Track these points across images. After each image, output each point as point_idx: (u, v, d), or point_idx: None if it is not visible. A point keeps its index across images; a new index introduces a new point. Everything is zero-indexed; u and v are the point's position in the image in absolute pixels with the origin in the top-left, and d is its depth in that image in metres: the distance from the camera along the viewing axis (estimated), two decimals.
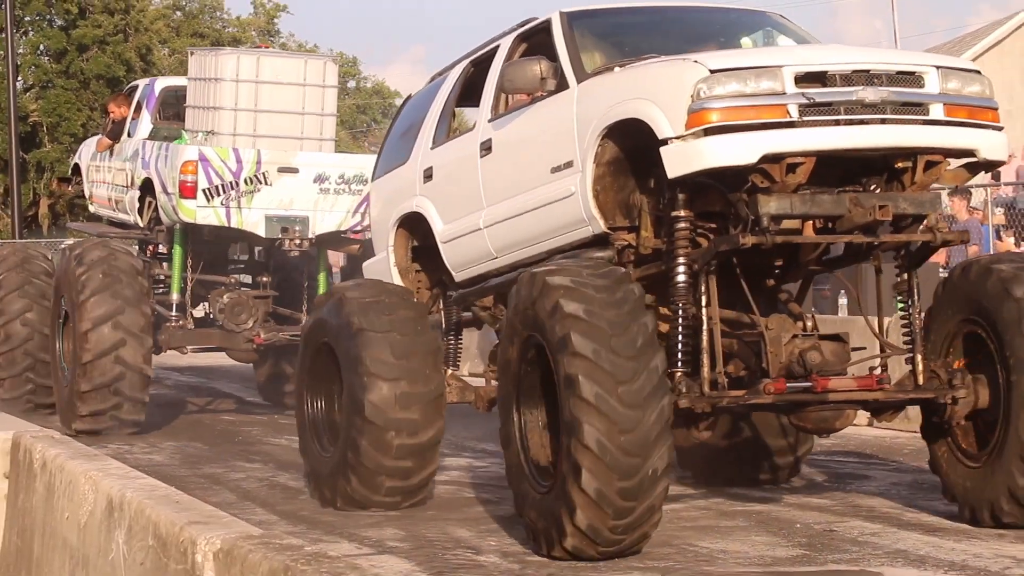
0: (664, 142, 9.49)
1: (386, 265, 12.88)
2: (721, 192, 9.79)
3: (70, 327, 17.07)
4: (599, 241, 10.47)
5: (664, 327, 10.13)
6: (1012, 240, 20.31)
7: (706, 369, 9.89)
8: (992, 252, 20.59)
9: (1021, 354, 9.66)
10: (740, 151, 9.31)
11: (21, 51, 59.99)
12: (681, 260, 9.90)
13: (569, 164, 10.48)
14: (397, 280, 12.68)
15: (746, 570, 9.16)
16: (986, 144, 9.87)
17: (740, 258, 9.92)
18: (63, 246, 20.27)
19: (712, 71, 9.41)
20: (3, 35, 48.89)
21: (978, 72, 10.01)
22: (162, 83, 20.44)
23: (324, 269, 19.19)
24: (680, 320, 9.91)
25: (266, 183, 17.83)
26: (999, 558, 9.28)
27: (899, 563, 9.24)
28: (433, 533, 10.58)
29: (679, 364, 9.86)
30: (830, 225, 9.91)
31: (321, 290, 18.48)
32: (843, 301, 18.91)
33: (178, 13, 69.04)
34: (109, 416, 16.72)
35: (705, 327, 9.92)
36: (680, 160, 9.43)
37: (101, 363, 16.49)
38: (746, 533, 10.40)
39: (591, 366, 8.84)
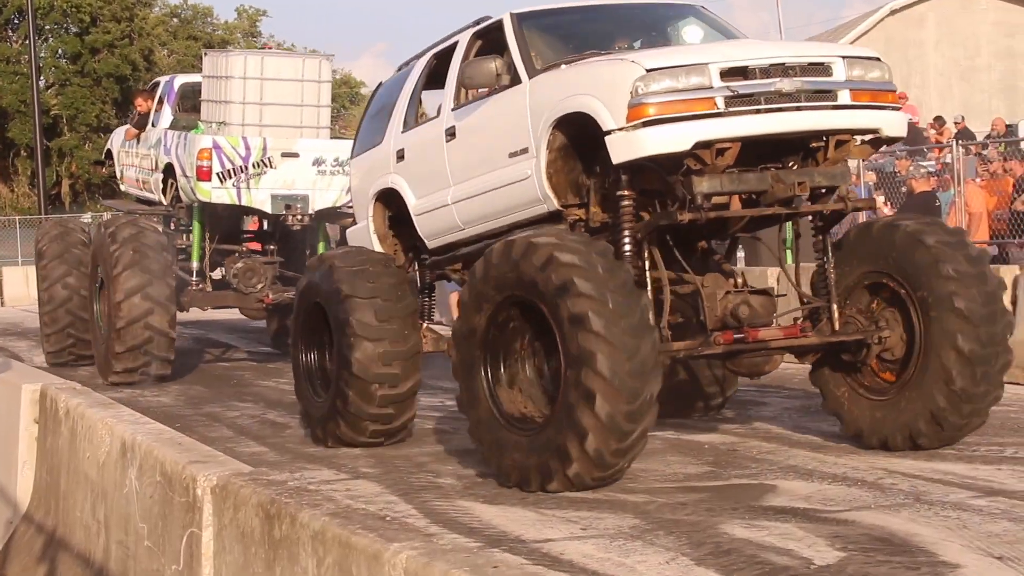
0: (608, 132, 9.41)
1: (367, 232, 12.78)
2: (659, 173, 9.71)
3: (106, 293, 17.09)
4: (553, 217, 10.39)
5: None
6: (882, 199, 20.31)
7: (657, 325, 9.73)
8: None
9: (939, 293, 9.66)
10: (675, 139, 9.26)
11: (42, 54, 59.83)
12: (627, 232, 9.84)
13: (525, 150, 10.37)
14: (377, 246, 12.56)
15: (663, 485, 9.25)
16: (888, 123, 9.83)
17: (674, 228, 9.86)
18: (99, 222, 20.19)
19: (648, 70, 9.31)
20: (27, 41, 48.72)
21: (878, 59, 9.90)
22: (180, 80, 20.39)
23: (323, 239, 19.20)
24: None
25: (271, 166, 17.91)
26: (873, 470, 9.40)
27: (791, 477, 9.33)
28: (400, 461, 10.68)
29: None
30: (754, 198, 9.86)
31: None
32: (740, 254, 18.88)
33: (175, 19, 68.87)
34: (140, 372, 16.77)
35: (650, 288, 9.85)
36: (624, 148, 9.37)
37: (133, 329, 16.54)
38: (663, 454, 10.47)
39: (597, 304, 8.74)
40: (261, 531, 6.07)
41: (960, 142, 19.02)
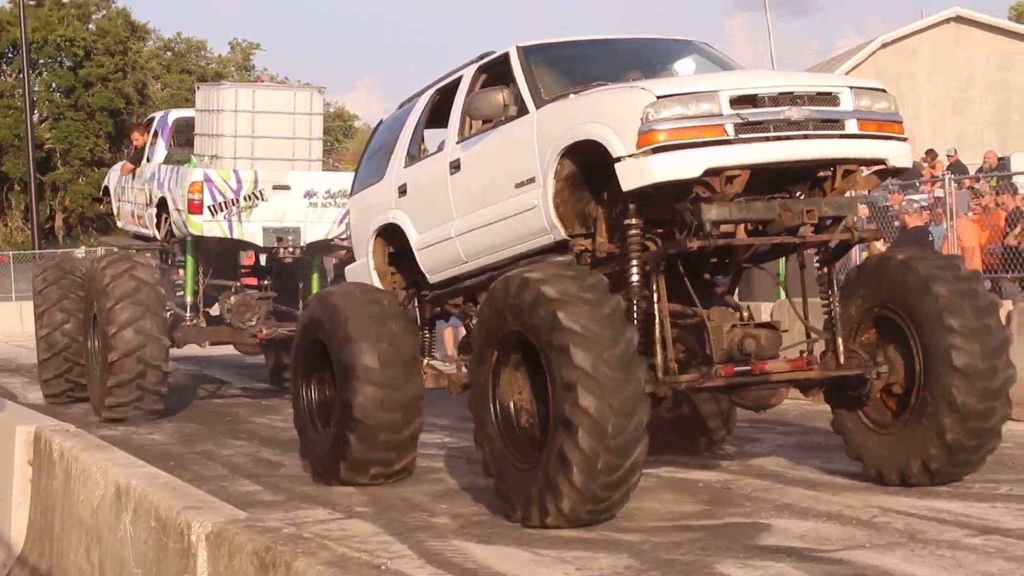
0: (618, 159, 9.38)
1: (366, 269, 12.79)
2: (667, 201, 9.67)
3: (99, 328, 17.07)
4: (559, 247, 10.36)
5: None
6: (873, 228, 20.25)
7: (659, 357, 9.78)
8: None
9: (940, 345, 9.65)
10: (686, 166, 9.23)
11: (36, 88, 59.82)
12: (635, 262, 9.82)
13: (532, 180, 10.36)
14: (376, 282, 12.58)
15: (658, 524, 9.23)
16: (894, 153, 9.82)
17: (683, 257, 9.87)
18: (92, 257, 20.25)
19: (658, 97, 9.31)
20: (21, 75, 48.76)
21: (884, 91, 9.92)
22: (174, 115, 20.49)
23: (317, 271, 19.16)
24: (635, 314, 9.82)
25: (263, 199, 17.92)
26: (868, 508, 9.42)
27: (785, 515, 9.33)
28: (394, 500, 10.66)
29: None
30: (760, 227, 9.87)
31: (314, 290, 18.48)
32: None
33: (168, 53, 69.08)
34: (133, 407, 16.75)
35: (658, 319, 9.84)
36: (633, 175, 9.34)
37: (125, 362, 16.54)
38: (657, 492, 10.47)
39: (579, 337, 8.78)
40: None
41: (952, 176, 19.05)
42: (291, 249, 18.03)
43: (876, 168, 10.01)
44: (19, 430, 9.79)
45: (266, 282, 19.33)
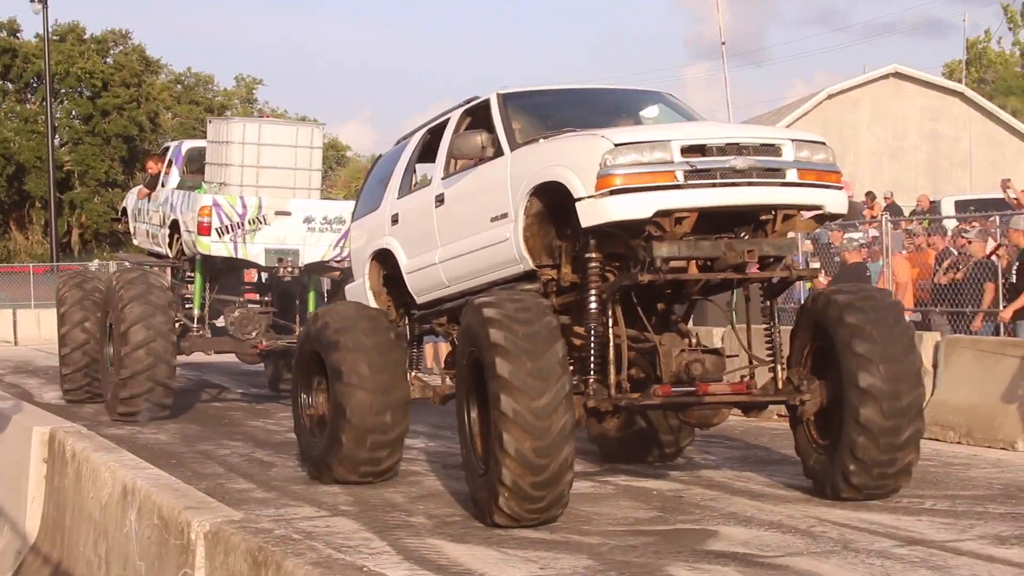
0: (579, 199, 9.48)
1: (363, 289, 12.88)
2: (624, 238, 9.77)
3: (114, 339, 17.04)
4: (529, 276, 10.44)
5: (578, 343, 10.30)
6: (818, 264, 20.37)
7: (612, 376, 9.91)
8: None
9: (850, 369, 9.69)
10: (638, 208, 9.33)
11: (58, 115, 59.83)
12: (593, 292, 9.92)
13: (504, 215, 10.45)
14: (371, 301, 12.67)
15: (615, 528, 9.23)
16: (831, 201, 9.86)
17: (638, 289, 9.91)
18: (111, 272, 20.33)
19: (616, 144, 9.41)
20: (44, 103, 48.76)
21: (824, 143, 9.94)
22: (188, 145, 20.51)
23: (314, 290, 19.20)
24: (592, 338, 9.92)
25: (265, 223, 17.94)
26: (806, 517, 9.43)
27: (731, 523, 9.34)
28: (376, 500, 10.63)
29: (592, 372, 9.92)
30: (709, 264, 9.89)
31: (311, 307, 18.65)
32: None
33: (179, 86, 69.00)
34: (144, 398, 16.64)
35: (612, 344, 9.93)
36: (592, 214, 9.44)
37: (137, 354, 16.52)
38: (615, 499, 10.46)
39: (502, 351, 8.92)
40: None
41: (888, 218, 19.12)
42: (290, 269, 18.05)
43: (814, 213, 10.08)
44: (35, 431, 9.75)
45: (267, 298, 19.38)
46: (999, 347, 13.90)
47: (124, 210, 22.35)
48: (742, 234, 9.88)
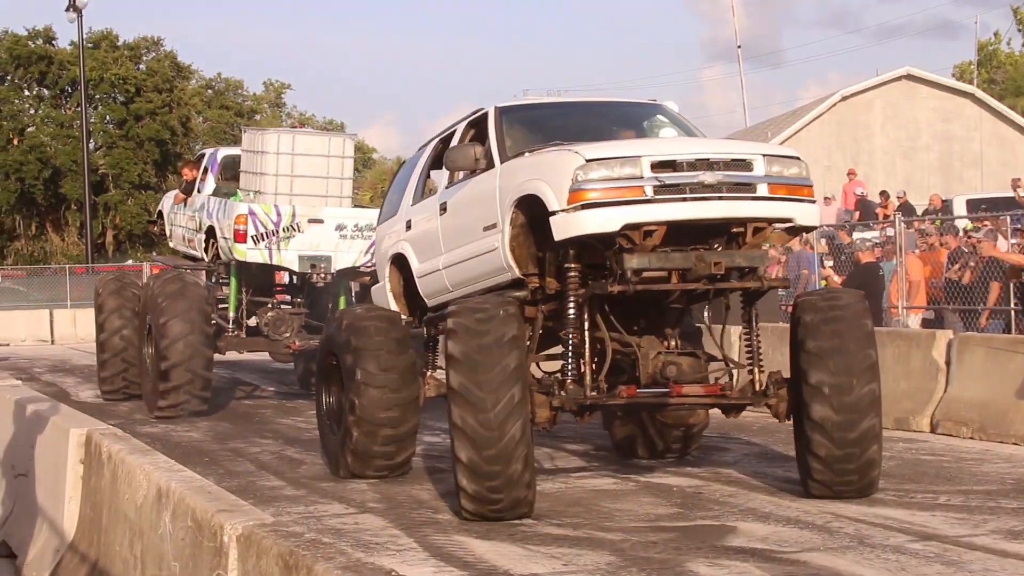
0: (553, 213, 9.56)
1: (384, 291, 12.94)
2: (599, 250, 9.80)
3: (153, 337, 17.13)
4: (516, 284, 10.52)
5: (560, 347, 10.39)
6: (831, 263, 20.35)
7: (588, 378, 10.04)
8: (817, 275, 20.72)
9: (802, 368, 9.72)
10: (607, 221, 9.39)
11: (93, 120, 60.06)
12: (571, 299, 10.04)
13: (494, 225, 10.54)
14: (392, 303, 12.75)
15: (637, 525, 9.21)
16: (801, 214, 9.84)
17: (622, 297, 9.91)
18: (150, 276, 20.50)
19: (587, 160, 9.46)
20: (80, 108, 49.00)
21: (797, 158, 9.91)
22: (222, 153, 20.60)
23: (345, 293, 19.18)
24: (571, 342, 10.03)
25: (299, 231, 18.01)
26: (823, 513, 9.39)
27: (750, 519, 9.31)
28: (403, 497, 10.63)
29: (569, 373, 10.03)
30: (683, 274, 9.80)
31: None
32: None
33: (209, 91, 69.08)
34: (184, 390, 16.73)
35: (587, 348, 10.08)
36: (564, 227, 9.53)
37: (176, 346, 16.64)
38: (636, 495, 10.44)
39: (456, 363, 9.23)
40: None
41: (902, 218, 19.06)
42: (323, 275, 18.14)
43: (787, 225, 10.06)
44: (72, 432, 9.78)
45: (299, 300, 19.43)
46: (1011, 344, 13.85)
47: (160, 213, 22.48)
48: (715, 246, 9.85)
